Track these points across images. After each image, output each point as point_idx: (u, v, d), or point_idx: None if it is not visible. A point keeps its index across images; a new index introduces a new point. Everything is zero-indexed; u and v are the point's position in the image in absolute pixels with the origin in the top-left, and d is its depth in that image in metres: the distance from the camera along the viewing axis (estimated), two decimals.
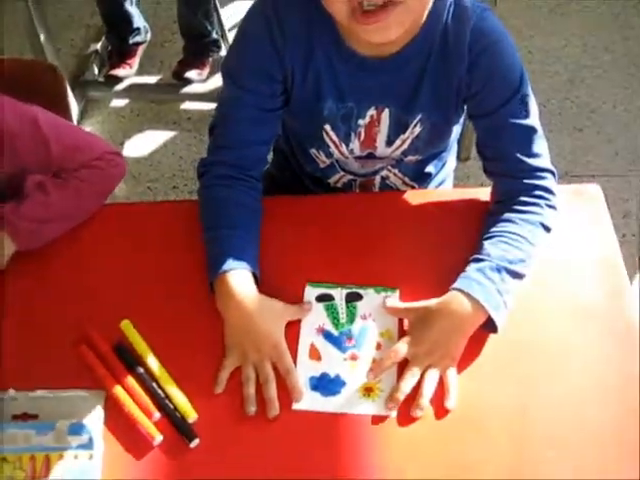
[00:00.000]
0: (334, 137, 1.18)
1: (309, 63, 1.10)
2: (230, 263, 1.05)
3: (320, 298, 1.07)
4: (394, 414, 0.96)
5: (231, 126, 1.15)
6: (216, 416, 0.97)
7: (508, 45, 1.10)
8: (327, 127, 1.17)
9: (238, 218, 1.11)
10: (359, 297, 1.07)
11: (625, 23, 2.82)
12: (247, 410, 0.97)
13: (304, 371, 1.00)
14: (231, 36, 2.58)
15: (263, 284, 1.07)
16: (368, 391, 0.98)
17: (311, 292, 1.08)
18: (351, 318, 1.05)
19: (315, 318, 1.06)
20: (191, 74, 2.55)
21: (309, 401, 0.98)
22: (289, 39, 1.08)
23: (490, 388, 0.98)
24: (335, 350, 1.02)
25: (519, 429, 0.95)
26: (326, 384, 0.99)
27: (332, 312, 1.06)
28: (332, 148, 1.21)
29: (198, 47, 2.59)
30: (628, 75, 2.64)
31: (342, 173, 1.29)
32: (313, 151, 1.25)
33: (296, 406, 0.97)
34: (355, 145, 1.20)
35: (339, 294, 1.08)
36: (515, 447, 0.93)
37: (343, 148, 1.20)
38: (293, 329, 1.04)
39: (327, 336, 1.04)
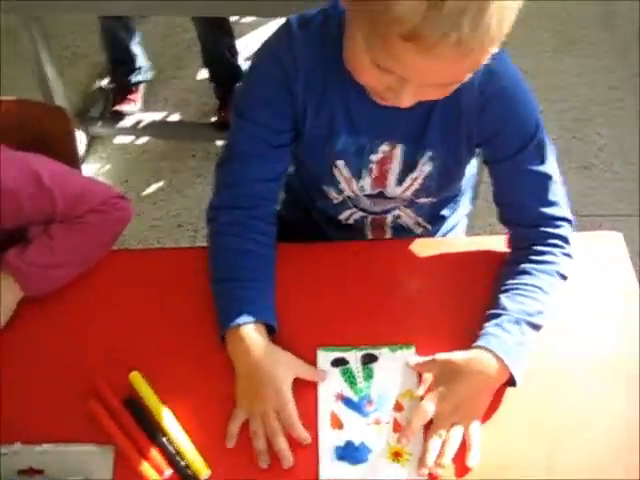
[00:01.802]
0: (345, 173, 1.16)
1: (323, 99, 1.08)
2: (240, 317, 1.02)
3: (335, 363, 1.04)
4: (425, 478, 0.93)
5: (237, 161, 1.13)
6: (230, 471, 0.94)
7: (522, 90, 1.07)
8: (339, 163, 1.14)
9: (246, 269, 1.08)
10: (374, 358, 1.04)
11: (631, 61, 2.82)
12: (260, 464, 0.94)
13: (328, 441, 0.96)
14: None
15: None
16: (397, 456, 0.94)
17: (325, 357, 1.04)
18: (368, 381, 1.02)
19: (332, 384, 1.01)
20: None
21: (337, 472, 0.94)
22: (302, 75, 1.06)
23: (513, 444, 0.95)
24: (357, 416, 0.98)
25: None
26: (352, 452, 0.95)
27: (349, 377, 1.02)
28: (342, 184, 1.18)
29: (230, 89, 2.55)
30: (635, 112, 2.63)
31: (354, 209, 1.27)
32: (324, 187, 1.23)
33: (324, 477, 0.93)
34: (366, 182, 1.17)
35: (354, 357, 1.04)
36: None
37: (354, 185, 1.18)
38: (310, 396, 1.00)
39: (347, 402, 1.00)
